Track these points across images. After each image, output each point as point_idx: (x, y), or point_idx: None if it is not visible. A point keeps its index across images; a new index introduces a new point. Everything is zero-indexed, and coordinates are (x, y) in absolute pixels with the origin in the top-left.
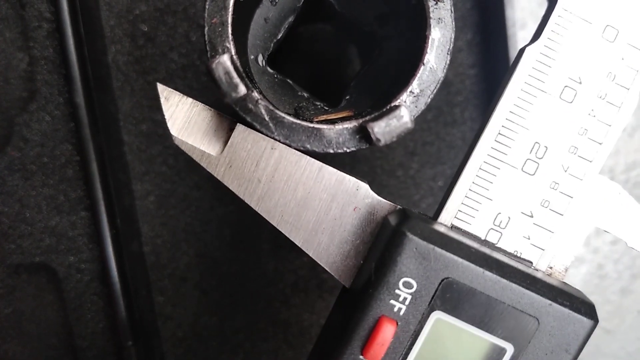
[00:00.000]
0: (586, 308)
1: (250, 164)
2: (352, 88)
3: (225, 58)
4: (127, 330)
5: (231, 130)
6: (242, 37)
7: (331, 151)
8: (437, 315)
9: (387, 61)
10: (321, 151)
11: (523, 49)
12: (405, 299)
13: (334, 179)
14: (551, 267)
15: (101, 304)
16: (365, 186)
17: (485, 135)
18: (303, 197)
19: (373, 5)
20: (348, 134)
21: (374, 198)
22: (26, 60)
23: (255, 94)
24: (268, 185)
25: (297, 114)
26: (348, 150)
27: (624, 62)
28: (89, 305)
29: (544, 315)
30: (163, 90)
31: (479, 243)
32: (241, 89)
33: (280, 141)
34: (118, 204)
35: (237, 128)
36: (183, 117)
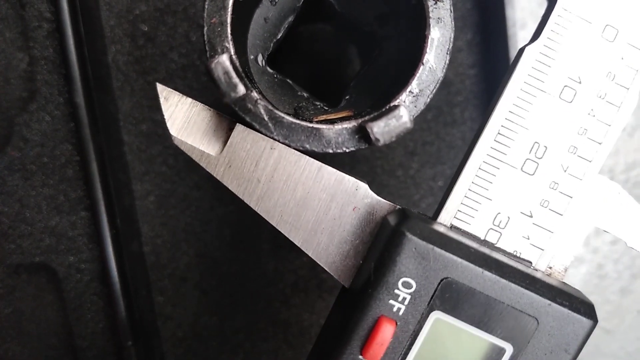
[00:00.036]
0: (585, 308)
1: (249, 164)
2: (352, 88)
3: (224, 58)
4: (127, 330)
5: (230, 130)
6: (242, 37)
7: (330, 151)
8: (437, 315)
9: (387, 61)
10: (320, 151)
11: (523, 49)
12: (404, 299)
13: (333, 179)
14: (550, 267)
15: (101, 304)
16: (364, 186)
17: (484, 135)
18: (302, 197)
19: (373, 5)
20: (347, 134)
21: (374, 198)
22: (26, 60)
23: (254, 94)
24: (267, 185)
25: (297, 114)
26: (347, 150)
27: (624, 62)
28: (89, 305)
29: (544, 315)
30: (162, 90)
31: (479, 243)
32: (240, 89)
33: (279, 141)
34: (118, 204)
35: (237, 128)
36: (182, 117)
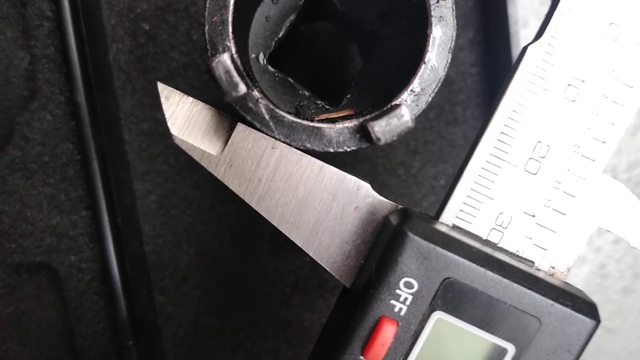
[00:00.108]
0: (588, 308)
1: (250, 164)
2: (353, 87)
3: (225, 57)
4: (128, 329)
5: (232, 129)
6: (243, 36)
7: (331, 150)
8: (438, 315)
9: (389, 60)
10: (321, 150)
11: (526, 47)
12: (406, 299)
13: (335, 179)
14: (553, 267)
15: (102, 304)
16: (366, 185)
17: (487, 134)
18: (304, 197)
19: (374, 3)
20: (348, 133)
21: (375, 197)
22: (27, 59)
23: (255, 93)
24: (269, 184)
25: (298, 113)
26: (348, 149)
27: (628, 61)
28: (90, 304)
29: (546, 315)
30: (163, 89)
31: (481, 243)
32: (241, 88)
33: (280, 140)
34: (119, 203)
35: (238, 127)
36: (183, 117)
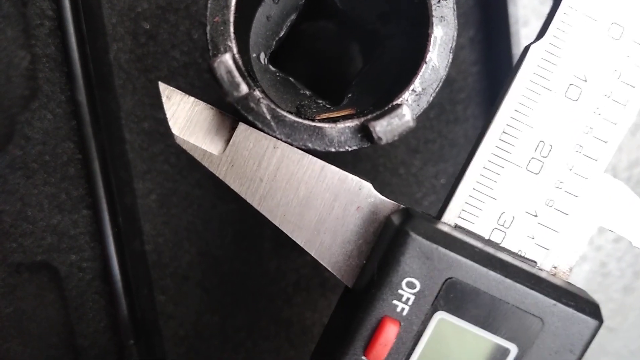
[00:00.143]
0: (591, 308)
1: (252, 163)
2: (354, 86)
3: (227, 57)
4: (129, 329)
5: (233, 129)
6: (244, 35)
7: (333, 150)
8: (441, 315)
9: (390, 59)
10: (323, 150)
11: (528, 47)
12: (408, 299)
13: (337, 178)
14: (555, 267)
15: (103, 303)
16: (368, 185)
17: (489, 133)
18: (305, 197)
19: (375, 3)
20: (350, 133)
21: (377, 197)
22: (28, 58)
23: (257, 93)
24: (270, 184)
25: (299, 112)
26: (350, 149)
27: (630, 60)
28: (91, 304)
29: (549, 315)
30: (165, 89)
31: (483, 243)
32: (243, 88)
33: (281, 140)
34: (120, 203)
35: (239, 127)
36: (185, 116)
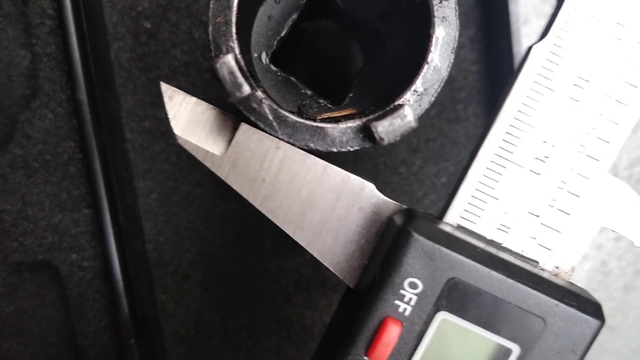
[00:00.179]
0: (593, 308)
1: (254, 164)
2: (355, 86)
3: (229, 58)
4: (130, 328)
5: (235, 129)
6: (246, 35)
7: (335, 150)
8: (443, 315)
9: (391, 59)
10: (325, 150)
11: (531, 47)
12: (410, 300)
13: (339, 179)
14: (557, 267)
15: (104, 302)
16: (370, 185)
17: (491, 133)
18: (308, 197)
19: (376, 3)
20: (352, 133)
21: (379, 198)
22: (28, 57)
23: (259, 93)
24: (272, 185)
25: (301, 112)
26: (351, 149)
27: (633, 60)
28: (92, 303)
29: (551, 315)
30: (167, 89)
31: (485, 243)
32: (245, 89)
33: (284, 140)
34: (121, 202)
35: (241, 127)
36: (187, 117)
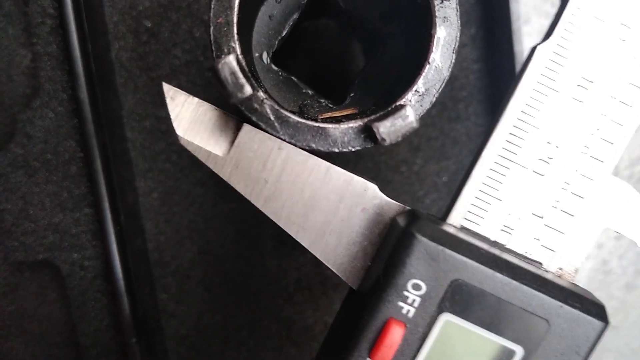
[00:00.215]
0: (597, 309)
1: (257, 165)
2: (356, 85)
3: (231, 58)
4: (131, 327)
5: (237, 130)
6: (247, 35)
7: (336, 150)
8: (446, 317)
9: (392, 59)
10: (326, 150)
11: (535, 48)
12: (414, 301)
13: (342, 180)
14: (561, 269)
15: (105, 301)
16: (373, 187)
17: (495, 134)
18: (310, 198)
19: (377, 2)
20: (353, 133)
21: (382, 199)
22: (29, 56)
23: (260, 94)
24: (275, 186)
25: (302, 112)
26: (353, 149)
27: (637, 61)
28: (93, 302)
29: (555, 317)
30: (169, 90)
31: (489, 244)
32: (247, 90)
33: (285, 140)
34: (121, 201)
35: (244, 128)
36: (189, 117)
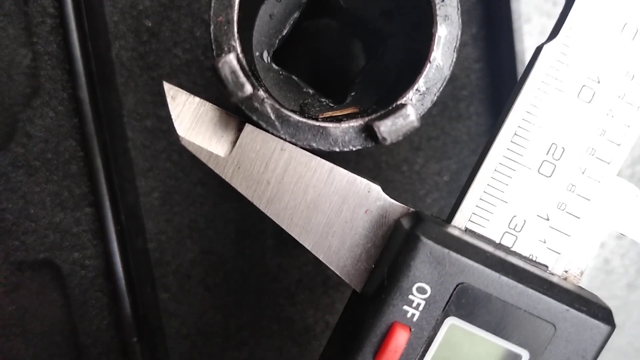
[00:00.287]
0: (603, 313)
1: (259, 165)
2: (357, 84)
3: (231, 57)
4: (132, 326)
5: (239, 130)
6: (247, 34)
7: (337, 149)
8: (452, 321)
9: (392, 58)
10: (327, 149)
11: (540, 47)
12: (418, 305)
13: (345, 181)
14: (566, 271)
15: (105, 301)
16: (377, 188)
17: (500, 135)
18: (313, 200)
19: (378, 1)
20: (354, 133)
21: (386, 200)
22: (30, 56)
23: (261, 93)
24: (277, 187)
25: (303, 111)
26: (354, 148)
27: None
28: (94, 302)
29: (561, 321)
30: (170, 89)
31: (494, 247)
32: (247, 89)
33: (286, 139)
34: (122, 200)
35: (246, 128)
36: (190, 117)
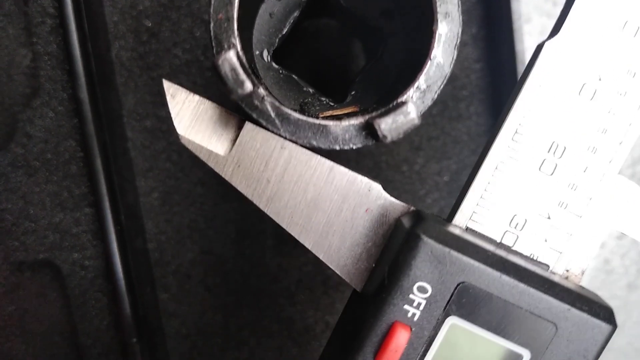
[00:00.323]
0: (605, 313)
1: (259, 164)
2: (357, 83)
3: (231, 54)
4: (132, 327)
5: (239, 128)
6: (247, 33)
7: (337, 148)
8: (453, 320)
9: (393, 57)
10: (327, 148)
11: (541, 45)
12: (419, 304)
13: (345, 180)
14: (568, 270)
15: (105, 301)
16: (377, 187)
17: (501, 134)
18: (313, 198)
19: (378, 1)
20: (354, 131)
21: (387, 199)
22: (29, 56)
23: (261, 91)
24: (277, 185)
25: (303, 110)
26: (354, 147)
27: None
28: (93, 302)
29: (562, 320)
30: (169, 87)
31: (495, 246)
32: (247, 86)
33: (286, 137)
34: (122, 201)
35: (246, 126)
36: (190, 116)
